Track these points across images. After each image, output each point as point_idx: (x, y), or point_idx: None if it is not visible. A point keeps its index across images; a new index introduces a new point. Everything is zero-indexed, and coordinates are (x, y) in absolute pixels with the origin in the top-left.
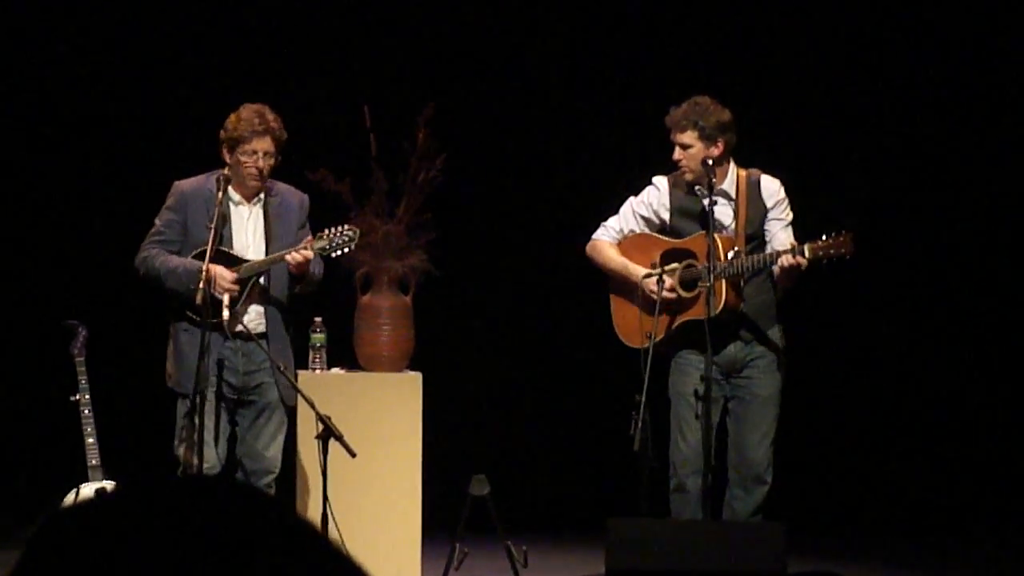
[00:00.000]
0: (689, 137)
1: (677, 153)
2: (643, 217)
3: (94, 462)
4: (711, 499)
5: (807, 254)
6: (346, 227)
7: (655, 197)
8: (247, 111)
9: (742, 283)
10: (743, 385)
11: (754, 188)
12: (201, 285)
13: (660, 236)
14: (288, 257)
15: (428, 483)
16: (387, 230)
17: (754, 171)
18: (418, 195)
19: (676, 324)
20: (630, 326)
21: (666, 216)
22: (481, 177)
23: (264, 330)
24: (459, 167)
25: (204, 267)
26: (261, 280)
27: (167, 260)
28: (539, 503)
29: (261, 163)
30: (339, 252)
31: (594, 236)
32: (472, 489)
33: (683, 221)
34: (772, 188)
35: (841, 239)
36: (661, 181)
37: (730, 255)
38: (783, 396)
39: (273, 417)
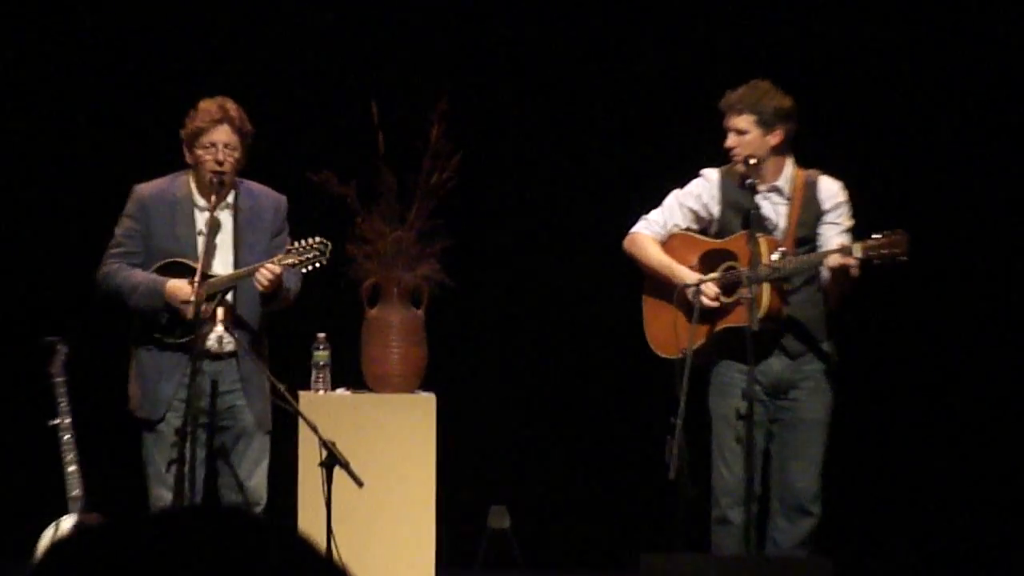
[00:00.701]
0: (745, 122)
1: (731, 140)
2: (691, 210)
3: (75, 493)
4: (756, 530)
5: (858, 253)
6: (317, 239)
7: (704, 188)
8: (205, 103)
9: (785, 288)
10: (788, 408)
11: (811, 188)
12: (192, 298)
13: (700, 236)
14: (257, 276)
15: (443, 515)
16: (397, 237)
17: (814, 171)
18: (431, 198)
19: (714, 331)
20: (664, 334)
21: (716, 210)
22: (501, 177)
23: (233, 350)
24: (476, 167)
25: (196, 279)
26: (228, 297)
27: (129, 276)
28: (565, 536)
29: (221, 155)
30: (310, 268)
31: (633, 230)
32: (492, 521)
33: (733, 217)
34: (831, 189)
35: (896, 237)
36: (711, 172)
37: (774, 256)
38: (833, 419)
39: (252, 443)
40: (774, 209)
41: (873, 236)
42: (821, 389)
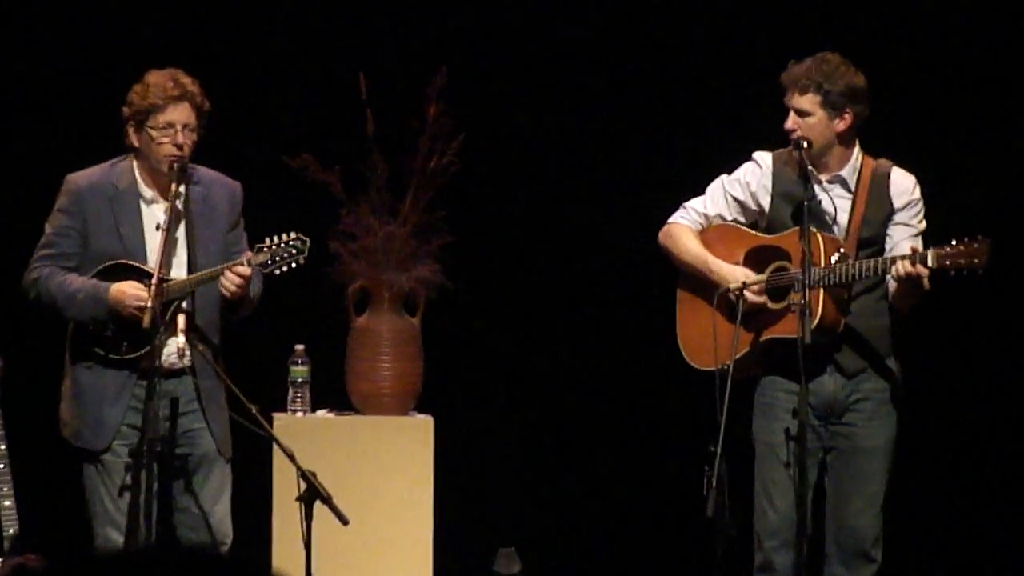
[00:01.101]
0: (809, 102)
1: (791, 121)
2: (737, 200)
3: (12, 531)
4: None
5: (931, 262)
6: (292, 235)
7: (755, 177)
8: (155, 76)
9: (846, 297)
10: (844, 434)
11: (881, 182)
12: (149, 303)
13: (748, 229)
14: (224, 280)
15: (442, 558)
16: (388, 232)
17: (885, 162)
18: (428, 187)
19: (759, 342)
20: (700, 341)
21: (766, 202)
22: (508, 163)
23: (190, 364)
24: (480, 150)
25: (153, 281)
26: (184, 303)
27: (64, 283)
28: None
29: (180, 138)
30: (284, 268)
31: (671, 219)
32: (499, 566)
33: (786, 211)
34: (904, 185)
35: (975, 246)
36: (764, 158)
37: (833, 259)
38: (896, 448)
39: (213, 472)
40: (835, 203)
41: (951, 243)
42: (882, 413)
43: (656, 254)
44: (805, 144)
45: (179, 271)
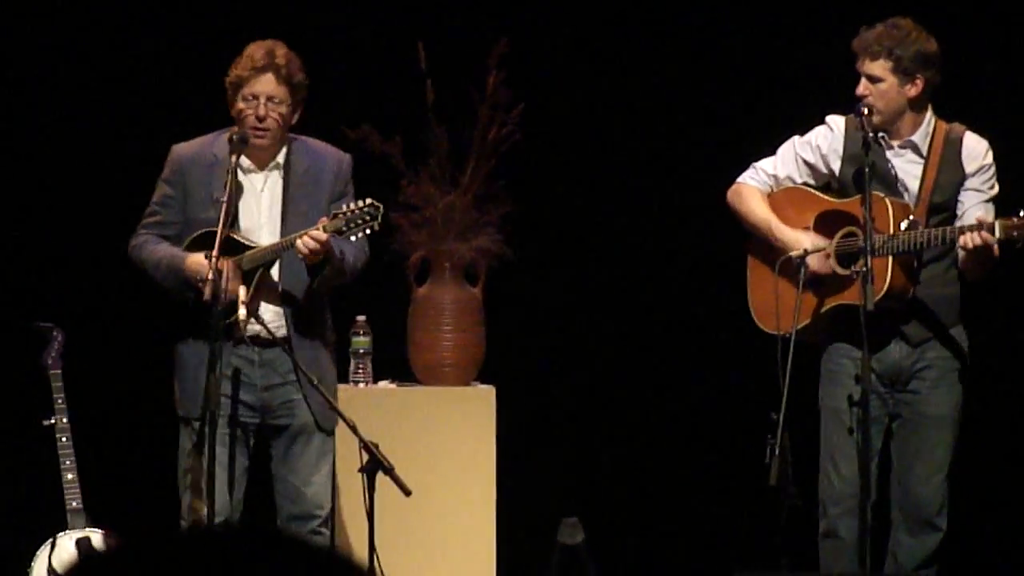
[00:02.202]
0: (880, 68)
1: (862, 87)
2: (807, 163)
3: (75, 504)
4: (872, 545)
5: (998, 233)
6: (367, 201)
7: (826, 140)
8: (252, 47)
9: (916, 264)
10: (909, 402)
11: (953, 147)
12: (209, 276)
13: (819, 193)
14: (299, 243)
15: (505, 528)
16: (449, 202)
17: (958, 126)
18: (488, 157)
19: (825, 308)
20: (767, 304)
21: (836, 165)
22: (570, 131)
23: (285, 334)
24: (541, 119)
25: (214, 253)
26: (274, 273)
27: (154, 251)
28: (646, 553)
29: (263, 110)
30: (359, 234)
31: (740, 179)
32: (562, 536)
33: (857, 175)
34: (977, 150)
35: None
36: (837, 121)
37: (902, 225)
38: (962, 417)
39: (312, 443)
40: (906, 168)
41: (1019, 214)
42: (947, 381)
43: (724, 218)
44: (865, 111)
45: (273, 238)
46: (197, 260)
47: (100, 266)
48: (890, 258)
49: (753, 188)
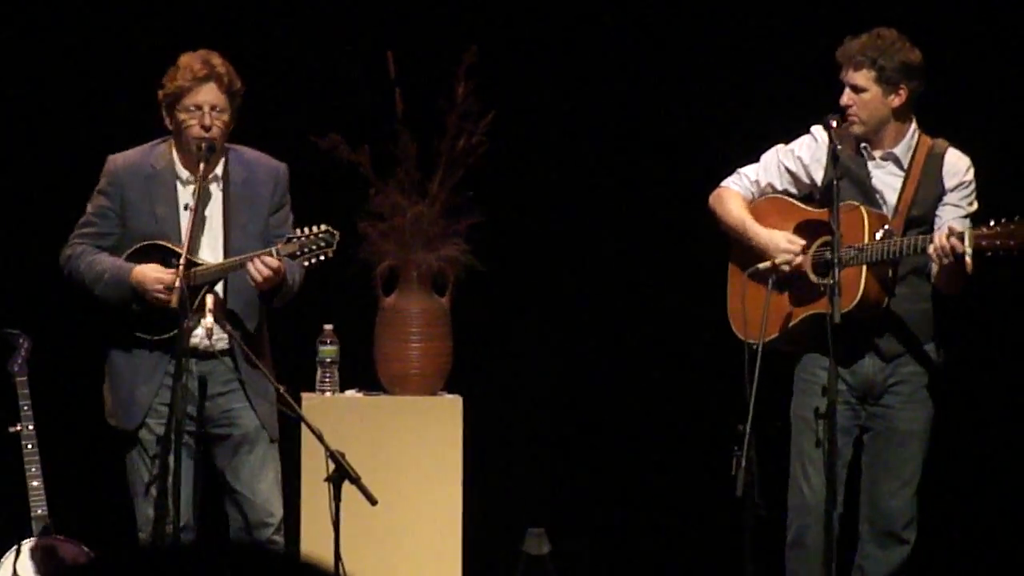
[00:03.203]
0: (864, 78)
1: (846, 97)
2: (789, 172)
3: (39, 511)
4: (838, 556)
5: (967, 241)
6: (322, 228)
7: (808, 151)
8: (186, 58)
9: (890, 276)
10: (881, 416)
11: (935, 162)
12: (177, 283)
13: (798, 203)
14: (252, 270)
15: (472, 538)
16: (417, 212)
17: (942, 142)
18: (457, 166)
19: (799, 317)
20: (749, 313)
21: (818, 176)
22: (538, 141)
23: (226, 347)
24: (510, 128)
25: (181, 262)
26: (217, 287)
27: (94, 263)
28: (612, 564)
29: (208, 119)
30: (313, 260)
31: (723, 183)
32: (528, 547)
33: (841, 185)
34: (957, 167)
35: (1013, 228)
36: (820, 131)
37: (878, 235)
38: (933, 433)
39: (255, 451)
40: (886, 181)
41: (989, 224)
42: (919, 396)
43: (695, 227)
44: (834, 123)
45: (213, 253)
46: (145, 272)
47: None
48: (864, 268)
49: (734, 192)
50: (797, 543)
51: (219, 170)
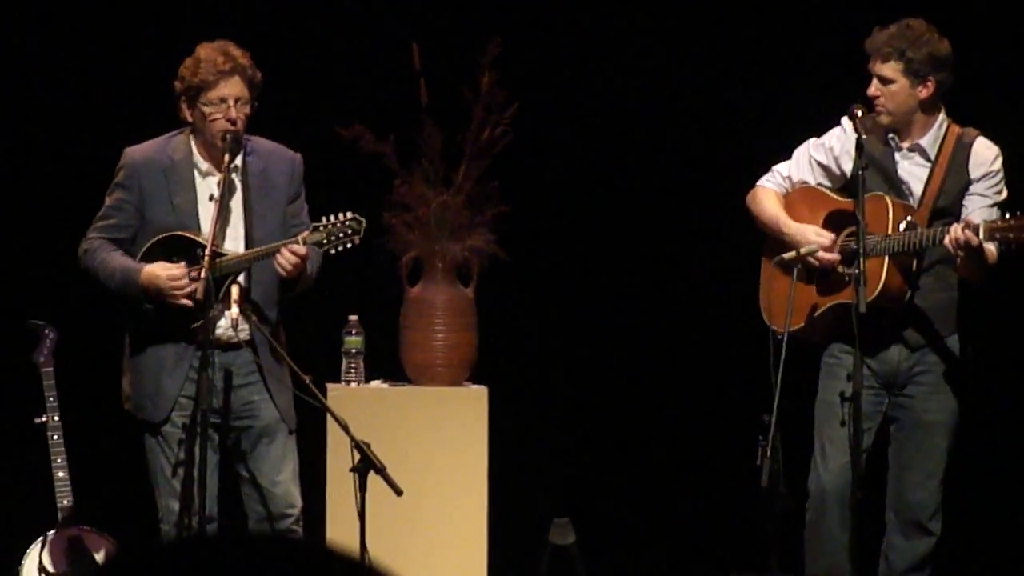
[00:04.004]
0: (891, 70)
1: (874, 88)
2: (820, 164)
3: (65, 502)
4: (862, 544)
5: (982, 234)
6: (349, 215)
7: (839, 141)
8: (206, 50)
9: (914, 267)
10: (906, 406)
11: (962, 153)
12: (203, 274)
13: (829, 193)
14: (280, 259)
15: (497, 528)
16: (442, 202)
17: (971, 131)
18: (481, 157)
19: (825, 306)
20: (779, 303)
21: (848, 167)
22: (564, 131)
23: (248, 338)
24: (535, 119)
25: (207, 252)
26: (240, 278)
27: (107, 259)
28: (638, 554)
29: (233, 112)
30: (340, 248)
31: (759, 182)
32: (553, 536)
33: (870, 176)
34: (985, 156)
35: None
36: (851, 123)
37: (901, 226)
38: (959, 423)
39: (275, 443)
40: (912, 171)
41: (1004, 216)
42: (944, 387)
43: (721, 218)
44: (859, 112)
45: (235, 243)
46: (156, 272)
47: None
48: (886, 258)
49: (769, 189)
50: (815, 524)
51: (238, 160)
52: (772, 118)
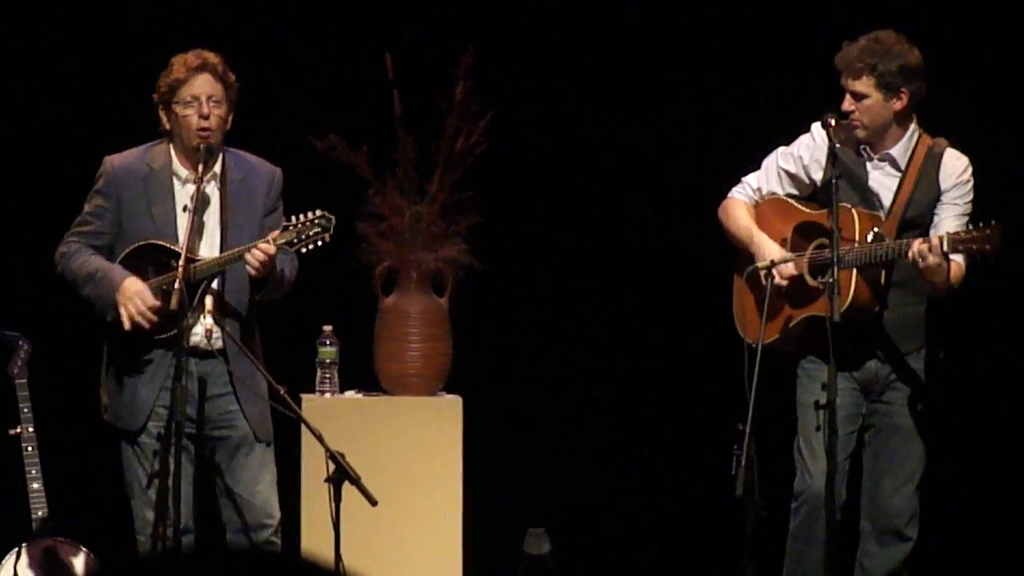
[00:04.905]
0: (864, 85)
1: (847, 103)
2: (788, 173)
3: (40, 514)
4: (840, 554)
5: (946, 247)
6: (317, 213)
7: (808, 150)
8: (178, 57)
9: (883, 279)
10: (882, 412)
11: (933, 163)
12: (177, 285)
13: (798, 204)
14: (248, 257)
15: (472, 538)
16: (416, 212)
17: (941, 141)
18: (456, 166)
19: (796, 319)
20: (752, 315)
21: (818, 176)
22: (538, 141)
23: (221, 348)
24: (509, 129)
25: (181, 261)
26: (214, 284)
27: (85, 263)
28: (613, 564)
29: (206, 108)
30: (310, 247)
31: (731, 193)
32: (528, 546)
33: (840, 186)
34: (955, 168)
35: (987, 232)
36: (820, 131)
37: (868, 237)
38: (934, 430)
39: (253, 454)
40: (882, 181)
41: (965, 228)
42: (920, 394)
43: (694, 226)
44: (832, 121)
45: (211, 252)
46: (128, 291)
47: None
48: (854, 271)
49: (739, 201)
50: (800, 532)
51: (217, 169)
52: (748, 128)
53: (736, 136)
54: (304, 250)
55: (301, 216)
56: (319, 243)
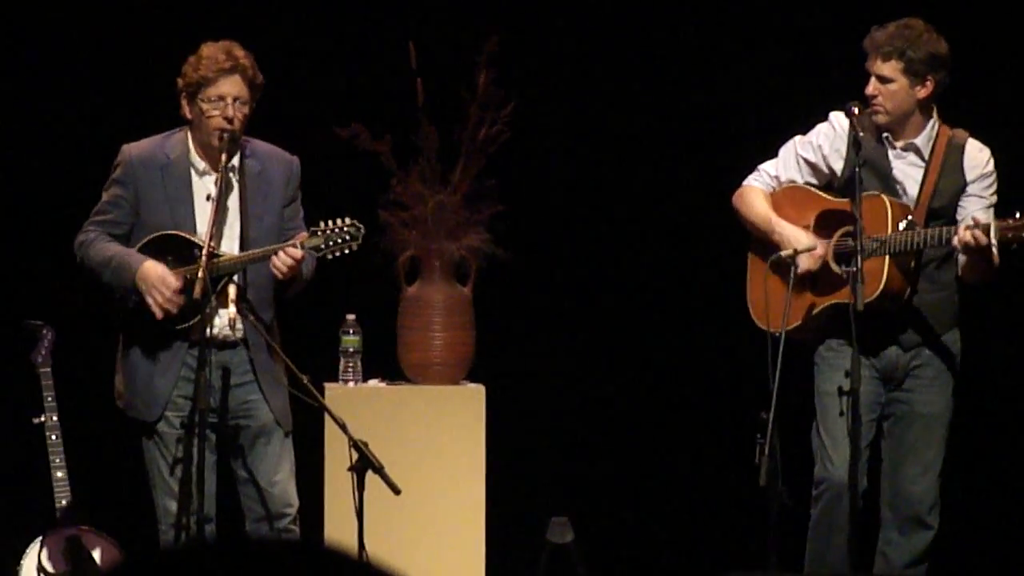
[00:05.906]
0: (891, 69)
1: (872, 86)
2: (807, 162)
3: (64, 502)
4: (861, 543)
5: (992, 233)
6: (348, 221)
7: (827, 139)
8: (210, 48)
9: (913, 267)
10: (902, 400)
11: (955, 153)
12: (200, 274)
13: (819, 192)
14: (275, 260)
15: (495, 527)
16: (439, 201)
17: (961, 132)
18: (479, 155)
19: (820, 306)
20: (774, 303)
21: (838, 165)
22: (560, 130)
23: (243, 337)
24: (532, 118)
25: (204, 252)
26: (236, 276)
27: (103, 249)
28: (637, 553)
29: (231, 111)
30: (338, 253)
31: (745, 181)
32: (551, 535)
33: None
34: (978, 158)
35: None
36: (839, 119)
37: (901, 225)
38: (955, 417)
39: (272, 443)
40: (906, 171)
41: (1016, 216)
42: (941, 382)
43: (717, 216)
44: (856, 109)
45: (231, 243)
46: (148, 273)
47: None
48: (887, 258)
49: (757, 189)
50: (822, 520)
51: (235, 161)
52: (768, 117)
53: (763, 124)
54: (330, 256)
55: (331, 222)
56: (346, 251)
